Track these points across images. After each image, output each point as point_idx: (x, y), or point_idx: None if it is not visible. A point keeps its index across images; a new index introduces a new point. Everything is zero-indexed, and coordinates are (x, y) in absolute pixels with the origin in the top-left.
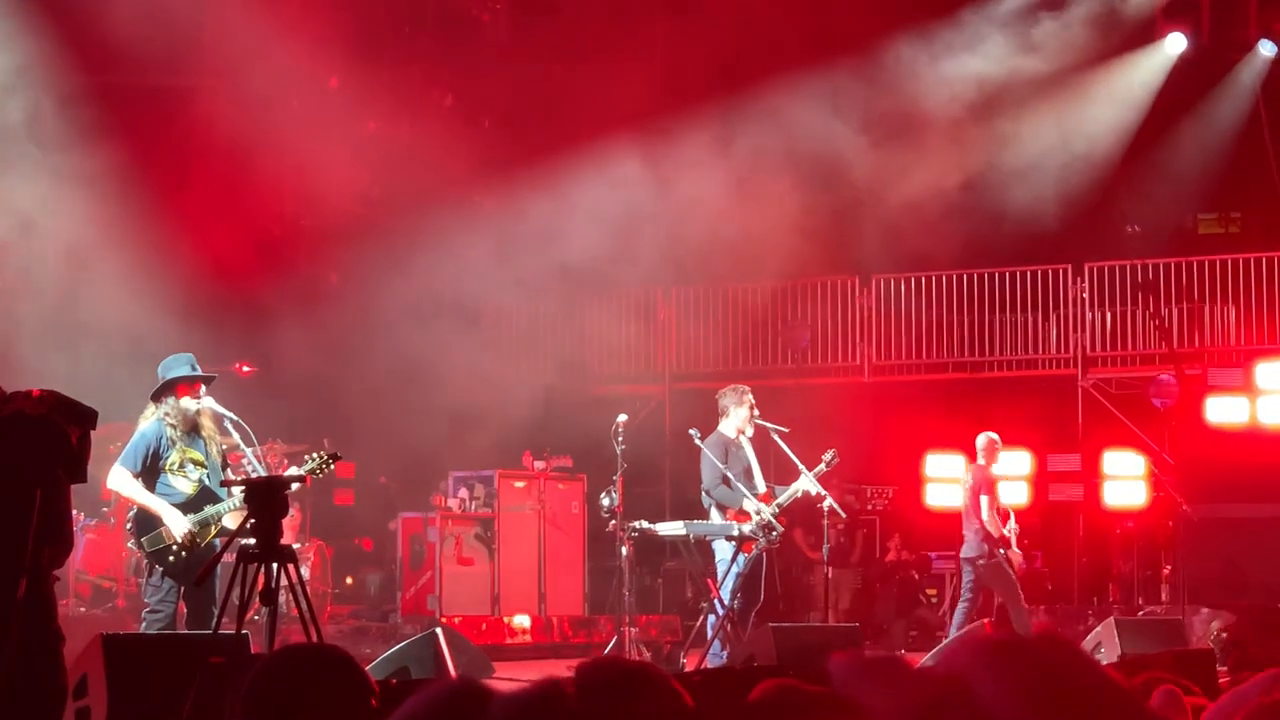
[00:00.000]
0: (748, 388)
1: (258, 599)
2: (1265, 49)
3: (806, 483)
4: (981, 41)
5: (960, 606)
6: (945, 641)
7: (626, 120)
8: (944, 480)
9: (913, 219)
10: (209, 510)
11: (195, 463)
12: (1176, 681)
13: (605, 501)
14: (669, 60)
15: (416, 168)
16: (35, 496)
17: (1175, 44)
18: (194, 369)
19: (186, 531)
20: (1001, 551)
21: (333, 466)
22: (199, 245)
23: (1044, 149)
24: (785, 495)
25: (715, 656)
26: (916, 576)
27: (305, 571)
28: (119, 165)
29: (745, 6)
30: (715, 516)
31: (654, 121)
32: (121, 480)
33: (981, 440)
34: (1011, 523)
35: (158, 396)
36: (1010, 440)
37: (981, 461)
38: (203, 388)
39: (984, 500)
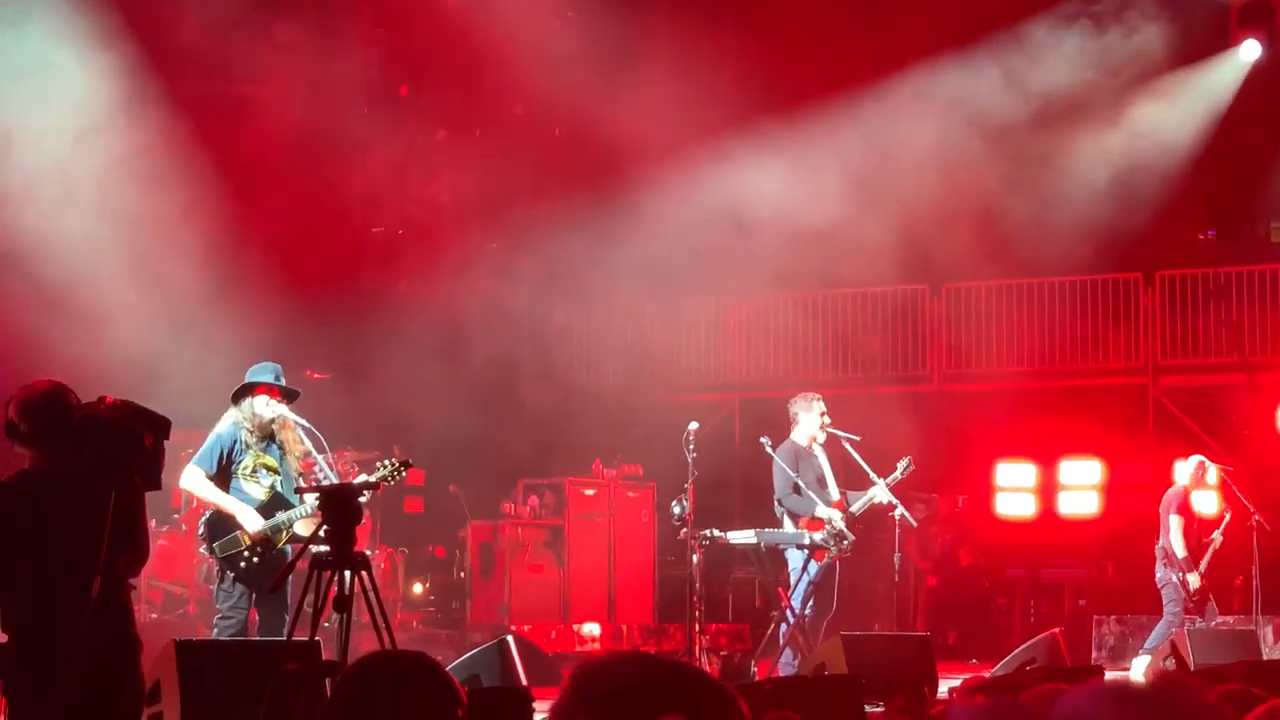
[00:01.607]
0: (818, 395)
1: (332, 606)
2: None
3: (880, 491)
4: (1053, 50)
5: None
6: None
7: (696, 130)
8: (1014, 489)
9: (982, 228)
10: (280, 517)
11: (268, 468)
12: (1249, 691)
13: (676, 510)
14: (737, 68)
15: (486, 176)
16: (110, 499)
17: (1250, 51)
18: (278, 379)
19: (260, 529)
20: (1179, 574)
21: (404, 474)
22: (270, 253)
23: (1116, 157)
24: (859, 504)
25: (786, 665)
26: (987, 584)
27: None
28: (193, 172)
29: (814, 21)
30: (788, 525)
31: (723, 132)
32: (194, 480)
33: (1189, 463)
34: (1216, 535)
35: (238, 397)
36: (1080, 450)
37: (1184, 483)
38: (281, 398)
39: (1173, 521)
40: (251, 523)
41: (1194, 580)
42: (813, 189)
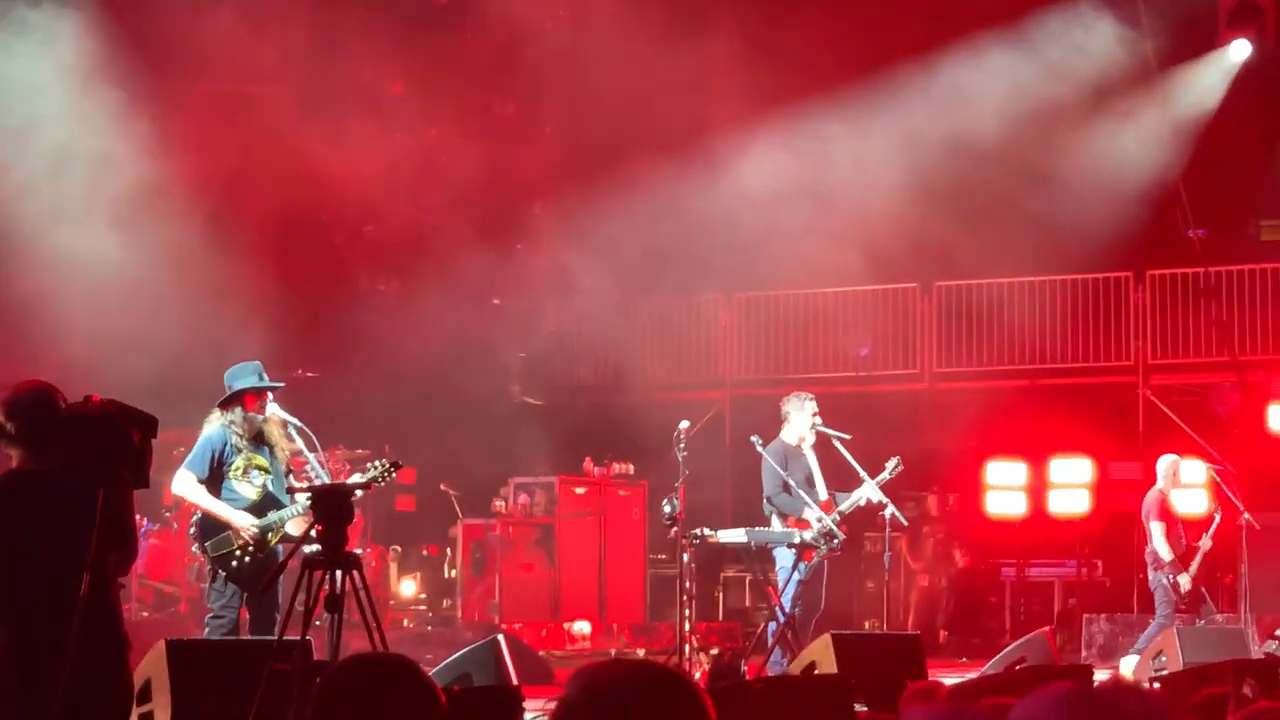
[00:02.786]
0: (810, 395)
1: (323, 606)
2: None
3: (870, 491)
4: (1043, 51)
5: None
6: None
7: (688, 128)
8: (1005, 488)
9: (973, 227)
10: (272, 516)
11: (260, 468)
12: (1238, 691)
13: (667, 508)
14: (732, 68)
15: (478, 174)
16: (98, 495)
17: (1240, 50)
18: (261, 378)
19: (254, 530)
20: (1169, 576)
21: (394, 475)
22: (262, 252)
23: (1106, 156)
24: (848, 503)
25: (776, 664)
26: (979, 584)
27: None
28: (179, 171)
29: (796, 23)
30: (776, 524)
31: (714, 130)
32: (186, 485)
33: (1162, 464)
34: (1205, 540)
35: (225, 406)
36: (1071, 448)
37: (1161, 485)
38: (269, 396)
39: (1155, 526)
40: (246, 525)
41: (1184, 581)
42: (803, 188)
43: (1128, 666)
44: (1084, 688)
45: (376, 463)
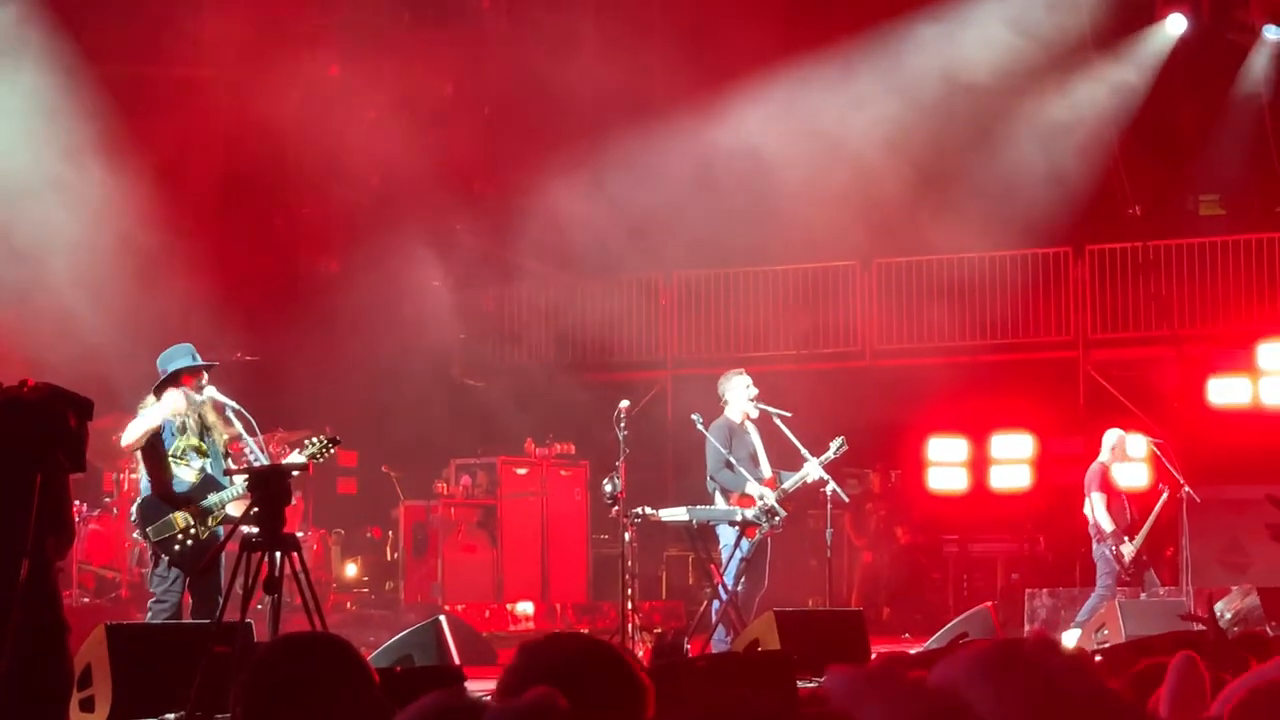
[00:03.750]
0: (741, 370)
1: (262, 588)
2: (1271, 33)
3: (813, 470)
4: (980, 25)
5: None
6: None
7: (627, 107)
8: (946, 464)
9: (912, 203)
10: (212, 499)
11: (198, 451)
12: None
13: (608, 488)
14: (666, 47)
15: (416, 156)
16: (35, 480)
17: (1176, 25)
18: (195, 358)
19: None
20: (1112, 547)
21: (333, 450)
22: (198, 234)
23: (1044, 130)
24: (791, 481)
25: (720, 642)
26: (922, 560)
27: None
28: (118, 154)
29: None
30: (719, 501)
31: (653, 108)
32: (132, 428)
33: (1108, 438)
34: (1152, 515)
35: (160, 390)
36: (1012, 423)
37: (1104, 458)
38: (205, 376)
39: (1096, 498)
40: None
41: (1128, 551)
42: (742, 165)
43: (1070, 640)
44: (1007, 645)
45: (313, 440)
